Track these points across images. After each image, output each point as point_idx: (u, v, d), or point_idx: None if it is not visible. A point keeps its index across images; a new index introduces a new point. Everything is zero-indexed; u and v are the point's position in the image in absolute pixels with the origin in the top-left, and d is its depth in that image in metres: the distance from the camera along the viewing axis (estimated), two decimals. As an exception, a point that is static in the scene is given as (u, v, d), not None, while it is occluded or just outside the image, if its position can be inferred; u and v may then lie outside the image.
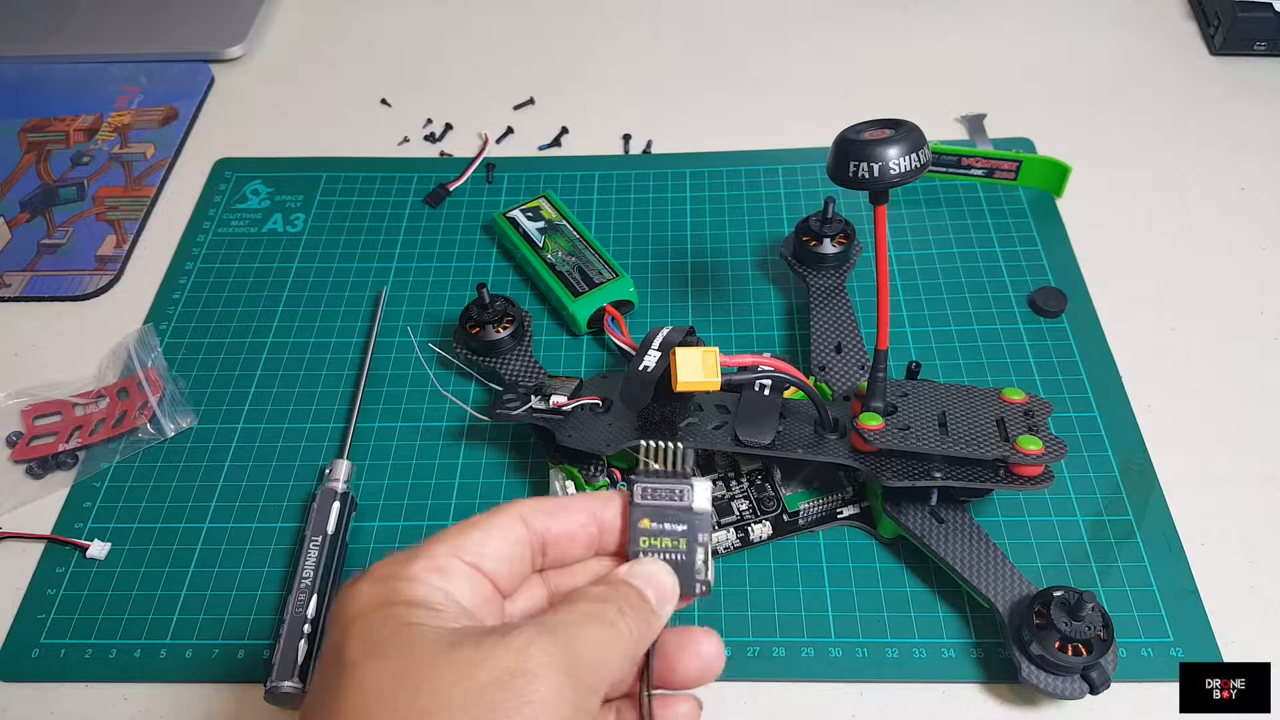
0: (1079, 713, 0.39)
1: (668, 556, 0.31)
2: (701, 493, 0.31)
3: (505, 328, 0.50)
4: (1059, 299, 0.53)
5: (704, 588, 0.31)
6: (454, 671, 0.25)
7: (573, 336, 0.54)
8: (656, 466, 0.32)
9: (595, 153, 0.64)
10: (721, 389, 0.40)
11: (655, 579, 0.31)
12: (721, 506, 0.45)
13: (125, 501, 0.48)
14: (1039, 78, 0.68)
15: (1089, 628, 0.37)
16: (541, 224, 0.57)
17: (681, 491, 0.31)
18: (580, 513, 0.31)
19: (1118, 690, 0.38)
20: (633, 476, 0.31)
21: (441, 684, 0.25)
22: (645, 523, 0.31)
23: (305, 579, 0.43)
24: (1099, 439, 0.47)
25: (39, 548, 0.46)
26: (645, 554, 0.31)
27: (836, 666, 0.41)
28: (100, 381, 0.53)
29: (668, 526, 0.31)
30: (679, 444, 0.31)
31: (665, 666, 0.31)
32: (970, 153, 0.59)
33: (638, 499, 0.31)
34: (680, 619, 0.42)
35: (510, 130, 0.66)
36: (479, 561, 0.29)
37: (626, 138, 0.65)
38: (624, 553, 0.31)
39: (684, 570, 0.31)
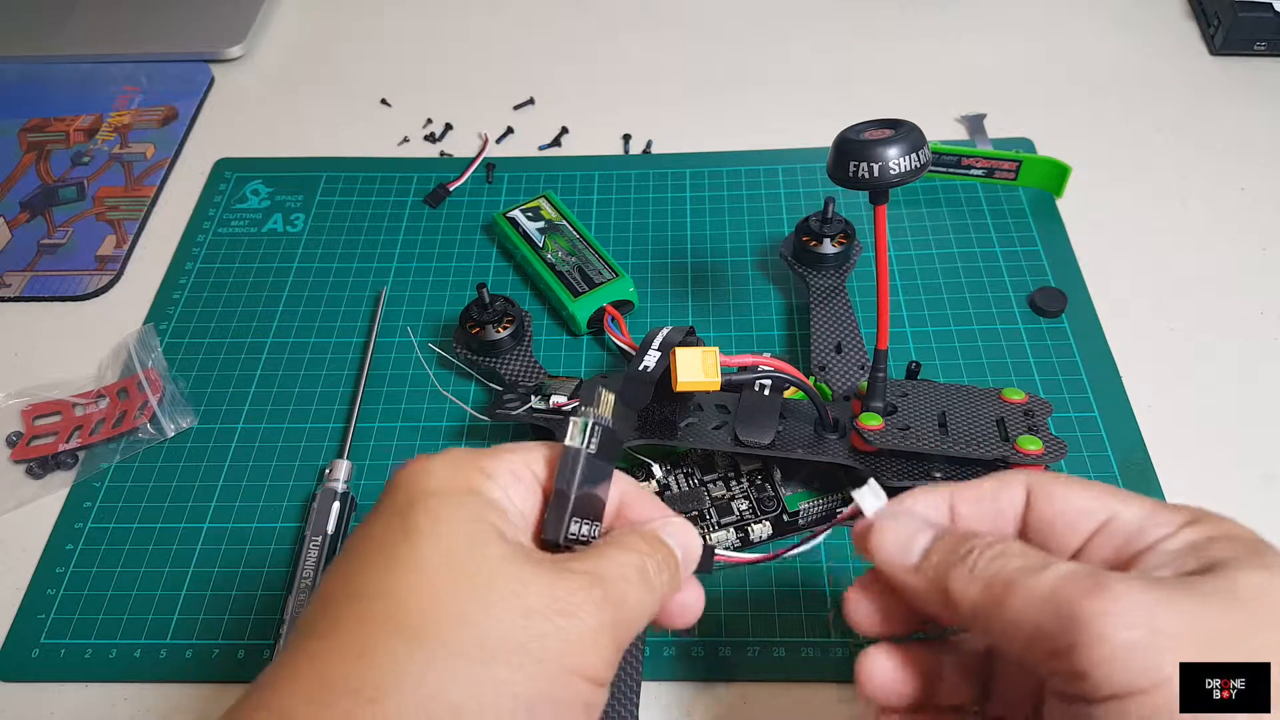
0: (1079, 713, 0.39)
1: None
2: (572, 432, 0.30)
3: (505, 328, 0.50)
4: (1059, 299, 0.53)
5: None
6: (507, 585, 0.26)
7: (573, 336, 0.54)
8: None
9: (595, 153, 0.64)
10: (721, 389, 0.40)
11: (687, 542, 0.31)
12: (721, 506, 0.45)
13: (125, 501, 0.48)
14: (1039, 78, 0.68)
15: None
16: (541, 224, 0.57)
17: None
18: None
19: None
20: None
21: (493, 594, 0.26)
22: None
23: (305, 579, 0.43)
24: (1099, 439, 0.47)
25: (39, 547, 0.46)
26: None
27: (836, 667, 0.41)
28: (100, 381, 0.53)
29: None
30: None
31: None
32: (970, 153, 0.59)
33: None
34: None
35: (510, 130, 0.66)
36: (543, 478, 0.30)
37: (626, 138, 0.65)
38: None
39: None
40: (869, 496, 0.31)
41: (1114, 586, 0.24)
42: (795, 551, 0.35)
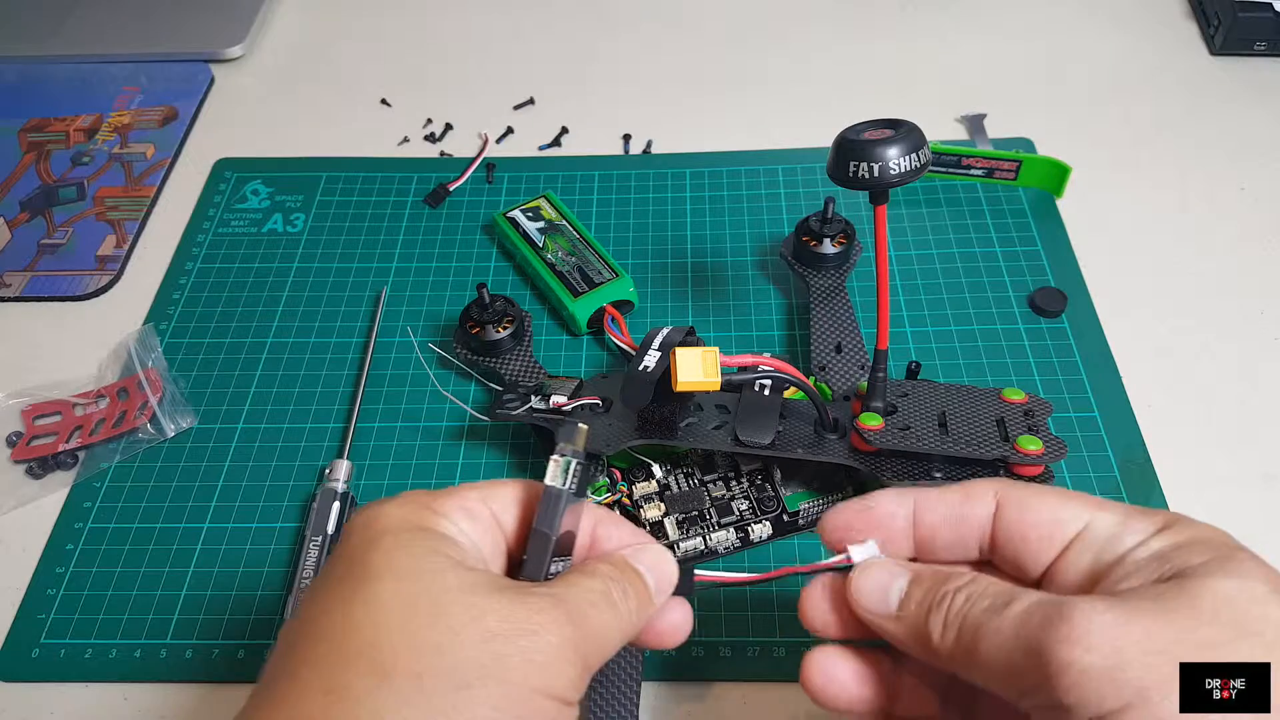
0: (1079, 713, 0.39)
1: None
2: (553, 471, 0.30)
3: (505, 328, 0.50)
4: (1059, 299, 0.53)
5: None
6: (465, 611, 0.26)
7: (573, 336, 0.54)
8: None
9: (595, 153, 0.64)
10: (721, 389, 0.40)
11: (658, 567, 0.31)
12: (721, 506, 0.45)
13: (125, 501, 0.48)
14: (1039, 78, 0.68)
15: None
16: (541, 224, 0.57)
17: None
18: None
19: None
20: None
21: (452, 621, 0.26)
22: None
23: (305, 579, 0.43)
24: (1099, 439, 0.47)
25: (39, 547, 0.46)
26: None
27: (836, 666, 0.41)
28: (100, 381, 0.53)
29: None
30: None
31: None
32: (970, 153, 0.59)
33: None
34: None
35: (510, 130, 0.66)
36: (501, 515, 0.30)
37: (626, 138, 0.65)
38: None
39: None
40: (859, 550, 0.30)
41: (1074, 613, 0.24)
42: (776, 575, 0.35)
